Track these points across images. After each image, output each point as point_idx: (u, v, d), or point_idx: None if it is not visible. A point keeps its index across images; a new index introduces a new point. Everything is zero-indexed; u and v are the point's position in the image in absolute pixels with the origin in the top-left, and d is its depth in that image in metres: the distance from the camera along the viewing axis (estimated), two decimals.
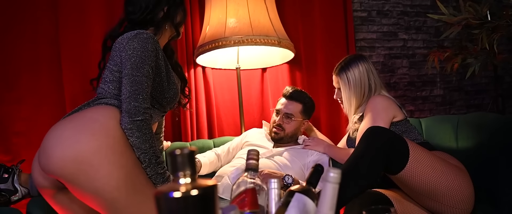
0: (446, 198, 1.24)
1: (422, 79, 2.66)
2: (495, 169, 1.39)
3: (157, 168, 1.05)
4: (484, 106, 2.79)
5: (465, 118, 1.64)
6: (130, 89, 1.04)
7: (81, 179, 0.95)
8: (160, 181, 1.06)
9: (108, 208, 0.98)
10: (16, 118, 1.84)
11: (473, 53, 1.77)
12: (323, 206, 0.64)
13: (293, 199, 0.74)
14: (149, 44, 1.08)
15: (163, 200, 0.43)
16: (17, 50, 1.86)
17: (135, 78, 1.04)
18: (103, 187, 0.95)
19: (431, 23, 2.69)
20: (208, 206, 0.44)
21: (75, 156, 0.93)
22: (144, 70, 1.06)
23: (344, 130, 2.31)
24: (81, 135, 0.95)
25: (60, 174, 0.96)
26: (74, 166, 0.93)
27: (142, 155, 1.03)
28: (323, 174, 0.65)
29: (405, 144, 1.24)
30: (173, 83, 1.21)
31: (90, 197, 0.99)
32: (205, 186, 0.44)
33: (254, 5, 1.89)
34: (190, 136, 2.07)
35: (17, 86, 1.85)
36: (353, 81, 1.58)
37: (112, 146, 0.98)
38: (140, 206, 0.99)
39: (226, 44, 1.82)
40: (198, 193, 0.43)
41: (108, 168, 0.96)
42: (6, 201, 1.25)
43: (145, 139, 1.03)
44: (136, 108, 1.02)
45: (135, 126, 1.01)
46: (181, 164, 0.44)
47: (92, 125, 0.99)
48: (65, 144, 0.94)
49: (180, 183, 0.45)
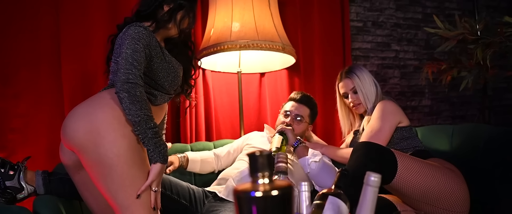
0: (440, 202, 1.29)
1: (412, 89, 2.77)
2: (490, 178, 1.46)
3: (147, 131, 1.06)
4: (467, 117, 2.92)
5: (460, 129, 1.72)
6: (122, 64, 1.11)
7: (89, 147, 1.04)
8: (151, 146, 1.07)
9: (105, 177, 1.04)
10: (12, 114, 1.78)
11: (467, 67, 1.86)
12: (364, 209, 0.67)
13: (327, 201, 0.76)
14: (140, 33, 1.16)
15: (244, 199, 0.45)
16: (16, 45, 1.81)
17: (127, 58, 1.11)
18: (105, 153, 1.03)
19: (421, 36, 2.80)
20: (286, 206, 0.46)
21: (86, 126, 1.04)
22: (136, 54, 1.12)
23: (339, 135, 2.37)
24: (91, 108, 1.08)
25: (73, 143, 1.07)
26: (84, 136, 1.04)
27: (132, 117, 1.06)
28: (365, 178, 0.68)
29: (392, 153, 1.29)
30: (172, 68, 1.28)
31: (93, 165, 1.06)
32: (284, 186, 0.46)
33: (260, 10, 1.92)
34: (189, 138, 2.07)
35: (15, 81, 1.80)
36: (363, 78, 1.68)
37: (117, 116, 1.08)
38: (135, 180, 1.06)
39: (231, 48, 1.83)
40: (278, 193, 0.45)
41: (112, 135, 1.05)
42: (12, 198, 1.21)
43: (135, 100, 1.06)
44: (126, 75, 1.09)
45: (125, 89, 1.07)
46: (261, 165, 0.46)
47: (101, 100, 1.11)
48: (78, 117, 1.07)
49: (258, 183, 0.46)
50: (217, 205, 1.47)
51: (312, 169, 1.53)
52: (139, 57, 1.12)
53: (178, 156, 1.71)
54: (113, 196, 1.05)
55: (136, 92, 1.08)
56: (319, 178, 1.54)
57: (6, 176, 1.22)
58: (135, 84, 1.08)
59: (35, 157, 1.68)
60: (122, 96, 1.07)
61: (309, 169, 1.55)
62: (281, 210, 0.45)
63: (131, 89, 1.07)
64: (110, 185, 1.05)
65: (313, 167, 1.53)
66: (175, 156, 1.70)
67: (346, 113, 1.86)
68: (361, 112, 1.74)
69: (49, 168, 1.39)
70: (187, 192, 1.53)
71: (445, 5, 2.89)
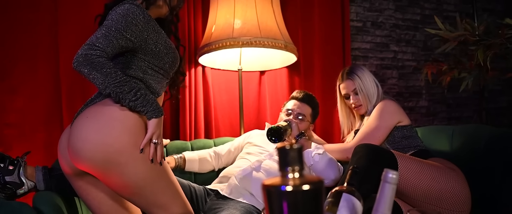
0: (442, 202, 1.30)
1: (409, 90, 2.78)
2: (491, 179, 1.47)
3: (130, 97, 1.02)
4: (463, 119, 2.95)
5: (460, 129, 1.72)
6: (96, 35, 1.03)
7: (111, 175, 1.02)
8: (140, 108, 1.04)
9: (135, 195, 1.07)
10: (8, 109, 1.75)
11: (468, 68, 1.88)
12: (382, 206, 0.67)
13: (342, 199, 0.76)
14: (131, 10, 1.08)
15: (275, 193, 0.44)
16: (13, 37, 1.77)
17: (98, 32, 1.05)
18: (130, 180, 1.03)
19: (420, 37, 2.82)
20: (316, 200, 0.45)
21: (104, 157, 0.99)
22: (111, 32, 1.04)
23: (337, 134, 2.38)
24: (107, 138, 1.00)
25: (91, 171, 1.04)
26: (103, 166, 1.00)
27: (107, 90, 1.01)
28: (382, 175, 0.67)
29: (392, 155, 1.30)
30: (170, 48, 1.22)
31: (118, 187, 1.06)
32: (314, 181, 0.45)
33: (262, 7, 1.91)
34: (188, 135, 2.05)
35: (11, 75, 1.77)
36: (365, 78, 1.68)
37: (134, 144, 1.03)
38: (165, 190, 1.09)
39: (234, 45, 1.82)
40: (309, 188, 0.44)
41: (134, 164, 1.02)
42: (11, 194, 1.18)
43: (99, 69, 0.99)
44: (91, 46, 1.01)
45: (86, 59, 1.00)
46: (292, 159, 0.45)
47: (114, 125, 1.02)
48: (94, 147, 1.00)
49: (288, 177, 0.45)
50: (219, 203, 1.46)
51: (316, 161, 1.54)
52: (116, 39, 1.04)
53: (174, 157, 1.69)
54: (148, 208, 1.10)
55: (103, 62, 0.99)
56: (322, 170, 1.54)
57: (6, 171, 1.18)
58: (100, 57, 1.00)
59: (32, 152, 1.63)
60: (81, 68, 0.99)
61: (312, 161, 1.55)
62: (312, 204, 0.44)
63: (94, 61, 0.99)
64: (143, 202, 1.09)
65: (316, 159, 1.54)
66: (171, 157, 1.68)
67: (347, 113, 1.86)
68: (362, 112, 1.74)
69: (46, 163, 1.37)
70: (188, 190, 1.51)
71: (443, 7, 2.91)
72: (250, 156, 1.70)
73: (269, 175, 1.56)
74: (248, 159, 1.68)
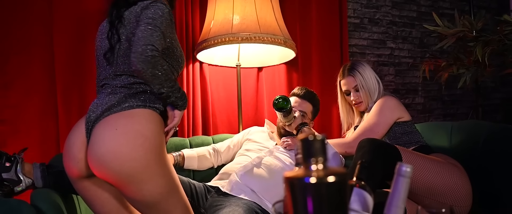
0: (445, 197, 1.30)
1: (406, 87, 2.79)
2: (490, 175, 1.48)
3: (176, 94, 1.11)
4: (458, 115, 2.98)
5: (459, 125, 1.73)
6: (142, 35, 1.03)
7: (131, 188, 1.05)
8: (179, 101, 1.13)
9: (150, 209, 1.09)
10: (2, 105, 1.70)
11: (466, 64, 1.88)
12: (396, 199, 0.66)
13: (353, 193, 0.75)
14: (166, 11, 1.09)
15: (298, 185, 0.43)
16: (6, 31, 1.73)
17: (150, 30, 1.04)
18: (149, 194, 1.06)
19: (416, 34, 2.83)
20: (341, 192, 0.44)
21: (130, 172, 1.02)
22: (159, 32, 1.05)
23: (336, 131, 2.38)
24: (134, 153, 1.02)
25: (111, 181, 1.06)
26: (127, 179, 1.03)
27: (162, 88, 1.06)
28: (396, 168, 0.66)
29: (397, 150, 1.30)
30: (181, 49, 1.24)
31: (135, 199, 1.08)
32: (338, 172, 0.43)
33: (261, 3, 1.89)
34: (186, 132, 2.03)
35: (4, 70, 1.72)
36: (366, 75, 1.67)
37: (158, 161, 1.06)
38: (176, 204, 1.12)
39: (233, 41, 1.80)
40: (334, 180, 0.43)
41: (155, 180, 1.05)
42: (9, 191, 1.15)
43: (158, 67, 1.02)
44: (146, 47, 1.01)
45: (146, 63, 1.00)
46: (315, 150, 0.44)
47: (141, 141, 1.03)
48: (122, 162, 1.02)
49: (311, 169, 0.44)
50: (220, 200, 1.44)
51: None
52: (160, 39, 1.05)
53: (173, 155, 1.67)
54: None
55: (160, 60, 1.03)
56: None
57: (3, 168, 1.15)
58: (156, 57, 1.02)
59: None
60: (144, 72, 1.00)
61: None
62: (337, 196, 0.43)
63: (153, 62, 1.01)
64: None
65: None
66: (170, 155, 1.66)
67: (347, 110, 1.85)
68: (362, 109, 1.74)
69: (41, 160, 1.34)
70: (188, 187, 1.50)
71: (439, 4, 2.92)
72: (250, 153, 1.69)
73: (270, 172, 1.55)
74: (248, 155, 1.67)
